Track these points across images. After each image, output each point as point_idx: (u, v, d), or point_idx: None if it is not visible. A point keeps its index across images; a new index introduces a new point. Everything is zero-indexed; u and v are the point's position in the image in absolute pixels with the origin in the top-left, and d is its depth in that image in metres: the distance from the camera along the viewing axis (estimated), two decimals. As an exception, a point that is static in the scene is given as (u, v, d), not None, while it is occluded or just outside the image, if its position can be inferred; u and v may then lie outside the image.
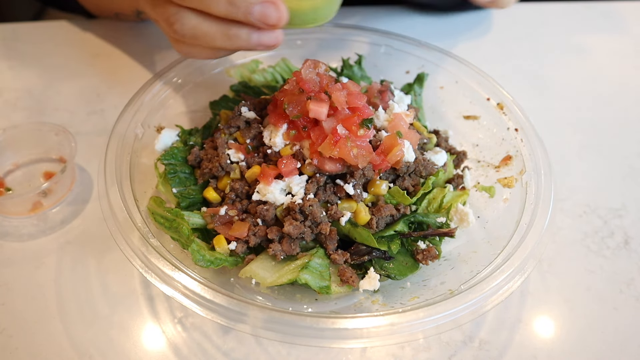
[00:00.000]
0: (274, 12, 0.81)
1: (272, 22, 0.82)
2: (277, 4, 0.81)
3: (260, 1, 0.80)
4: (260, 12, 0.81)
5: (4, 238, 1.05)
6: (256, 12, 0.81)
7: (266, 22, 0.81)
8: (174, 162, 1.03)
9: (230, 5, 0.81)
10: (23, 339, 0.90)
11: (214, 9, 0.82)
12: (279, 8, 0.81)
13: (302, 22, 0.89)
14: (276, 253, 0.91)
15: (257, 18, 0.81)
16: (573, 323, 0.97)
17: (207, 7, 0.83)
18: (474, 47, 1.60)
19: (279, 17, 0.82)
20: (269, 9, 0.81)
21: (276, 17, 0.81)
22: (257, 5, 0.80)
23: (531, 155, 1.03)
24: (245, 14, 0.81)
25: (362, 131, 0.93)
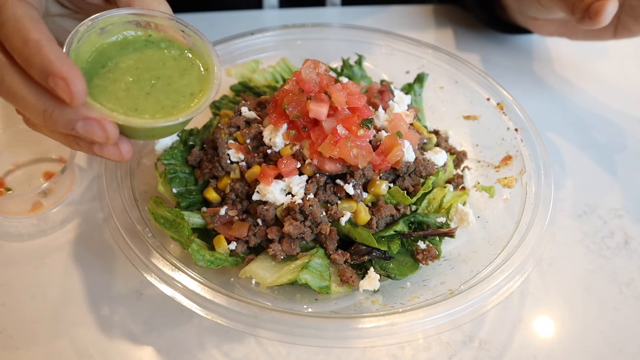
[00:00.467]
0: (99, 131, 0.70)
1: (99, 140, 0.71)
2: (102, 122, 0.70)
3: (82, 117, 0.69)
4: (83, 129, 0.69)
5: (4, 238, 1.05)
6: (79, 129, 0.69)
7: (93, 139, 0.71)
8: (174, 162, 1.03)
9: (48, 119, 0.69)
10: (23, 339, 0.90)
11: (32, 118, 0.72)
12: (103, 127, 0.70)
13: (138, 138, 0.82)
14: (276, 253, 0.91)
15: (83, 135, 0.70)
16: (573, 323, 0.97)
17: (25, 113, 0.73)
18: (474, 47, 1.60)
19: (105, 136, 0.71)
20: (93, 126, 0.69)
21: (102, 136, 0.71)
22: (80, 122, 0.69)
23: (531, 155, 1.03)
24: (66, 129, 0.70)
25: (362, 131, 0.93)
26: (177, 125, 0.78)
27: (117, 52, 0.80)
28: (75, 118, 0.69)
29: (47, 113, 0.69)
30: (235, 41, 1.21)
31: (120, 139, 0.75)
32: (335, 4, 1.76)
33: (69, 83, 0.64)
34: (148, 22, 0.82)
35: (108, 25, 0.79)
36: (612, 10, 1.04)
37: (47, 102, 0.68)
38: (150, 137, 0.86)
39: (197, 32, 0.82)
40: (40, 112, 0.69)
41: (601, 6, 1.04)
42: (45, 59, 0.64)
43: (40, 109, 0.69)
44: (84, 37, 0.76)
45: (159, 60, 0.81)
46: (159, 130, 0.80)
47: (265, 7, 1.71)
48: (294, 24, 1.27)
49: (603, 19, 1.05)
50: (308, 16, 1.67)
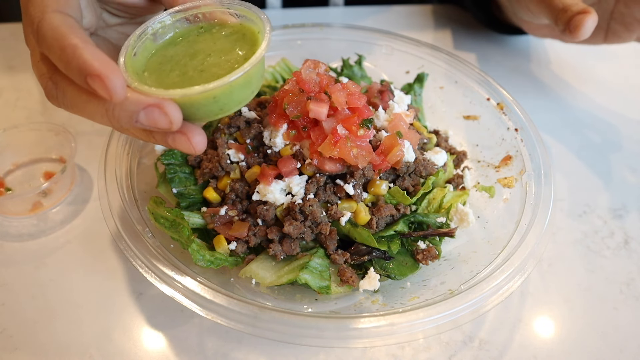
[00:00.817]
0: (160, 116, 0.69)
1: (164, 126, 0.69)
2: (162, 106, 0.68)
3: (142, 107, 0.68)
4: (145, 120, 0.69)
5: (4, 238, 1.05)
6: (142, 121, 0.69)
7: (157, 127, 0.70)
8: (174, 162, 1.03)
9: (112, 119, 0.69)
10: (23, 339, 0.90)
11: (100, 122, 0.72)
12: (164, 110, 0.68)
13: (207, 115, 0.77)
14: (276, 253, 0.91)
15: (146, 125, 0.69)
16: (573, 323, 0.97)
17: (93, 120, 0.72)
18: (474, 47, 1.60)
19: (168, 120, 0.69)
20: (153, 113, 0.68)
21: (165, 121, 0.69)
22: (141, 113, 0.68)
23: (531, 155, 1.03)
24: (130, 123, 0.69)
25: (362, 131, 0.93)
26: (235, 86, 0.74)
27: (171, 48, 0.81)
28: (135, 109, 0.68)
29: (109, 113, 0.69)
30: (235, 41, 1.21)
31: (188, 128, 0.73)
32: (338, 4, 1.76)
33: (104, 79, 0.64)
34: (195, 14, 0.83)
35: (158, 30, 0.81)
36: (591, 25, 1.08)
37: (106, 103, 0.69)
38: (217, 110, 0.77)
39: (243, 3, 0.82)
40: (103, 114, 0.69)
41: (580, 20, 1.08)
42: (80, 61, 0.65)
43: (102, 112, 0.69)
44: (138, 45, 0.78)
45: (211, 41, 0.81)
46: (220, 97, 0.74)
47: (268, 7, 1.71)
48: (294, 24, 1.27)
49: (582, 33, 1.08)
50: (311, 16, 1.67)
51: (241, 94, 0.77)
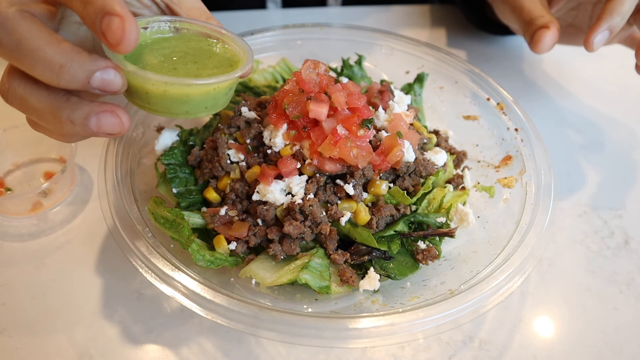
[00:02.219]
0: (116, 77, 0.71)
1: (114, 88, 0.71)
2: (118, 68, 0.71)
3: (102, 67, 0.69)
4: (100, 79, 0.69)
5: (4, 238, 1.05)
6: (95, 82, 0.69)
7: (107, 89, 0.70)
8: (174, 162, 1.03)
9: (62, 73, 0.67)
10: (23, 339, 0.90)
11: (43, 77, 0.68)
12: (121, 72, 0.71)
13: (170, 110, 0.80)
14: (276, 253, 0.91)
15: (97, 87, 0.69)
16: (573, 323, 0.97)
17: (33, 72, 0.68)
18: (474, 47, 1.60)
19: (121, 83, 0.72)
20: (110, 74, 0.70)
21: (119, 83, 0.71)
22: (97, 73, 0.68)
23: (531, 155, 1.03)
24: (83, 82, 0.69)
25: (362, 131, 0.93)
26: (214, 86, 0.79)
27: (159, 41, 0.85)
28: (94, 68, 0.68)
29: (64, 68, 0.67)
30: (235, 41, 1.21)
31: (115, 107, 0.74)
32: (336, 4, 1.76)
33: (124, 22, 0.64)
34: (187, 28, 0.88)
35: (183, 29, 0.87)
36: (549, 41, 1.11)
37: (64, 55, 0.67)
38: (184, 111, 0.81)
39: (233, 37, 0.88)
40: (56, 66, 0.67)
41: (539, 36, 1.11)
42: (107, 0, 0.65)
43: (56, 62, 0.66)
44: (152, 24, 0.83)
45: (203, 49, 0.86)
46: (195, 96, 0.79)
47: (268, 7, 1.71)
48: (294, 24, 1.27)
49: (540, 49, 1.12)
50: (310, 16, 1.67)
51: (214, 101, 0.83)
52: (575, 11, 1.30)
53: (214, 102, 0.83)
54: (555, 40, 1.12)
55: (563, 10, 1.30)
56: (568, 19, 1.31)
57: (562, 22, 1.30)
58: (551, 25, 1.11)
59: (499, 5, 1.34)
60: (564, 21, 1.31)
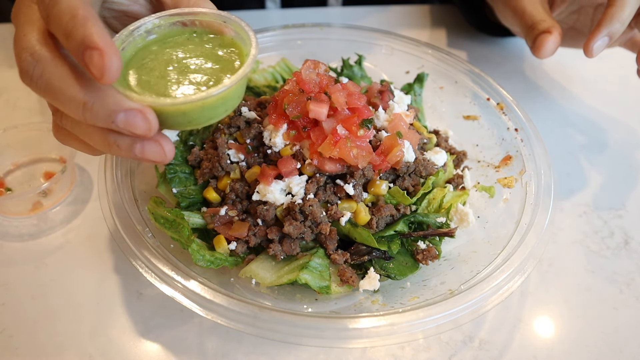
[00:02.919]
0: (141, 121, 0.69)
1: (141, 132, 0.69)
2: (145, 112, 0.69)
3: (125, 109, 0.68)
4: (124, 121, 0.68)
5: (4, 238, 1.05)
6: (120, 122, 0.68)
7: (133, 131, 0.69)
8: (174, 162, 1.03)
9: (88, 112, 0.68)
10: (23, 339, 0.90)
11: (71, 113, 0.70)
12: (146, 117, 0.69)
13: (174, 126, 0.77)
14: (276, 253, 0.91)
15: (122, 127, 0.69)
16: (573, 323, 0.97)
17: (63, 109, 0.70)
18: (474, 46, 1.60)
19: (147, 127, 0.69)
20: (135, 117, 0.68)
21: (144, 127, 0.69)
22: (121, 114, 0.68)
23: (531, 155, 1.03)
24: (106, 122, 0.68)
25: (362, 131, 0.93)
26: (207, 104, 0.74)
27: (159, 47, 0.80)
28: (116, 109, 0.67)
29: (87, 105, 0.67)
30: (235, 41, 1.21)
31: (160, 136, 0.73)
32: (336, 4, 1.76)
33: (103, 55, 0.63)
34: (193, 20, 0.82)
35: (154, 29, 0.80)
36: (551, 46, 1.11)
37: (88, 94, 0.67)
38: (186, 123, 0.78)
39: (239, 20, 0.81)
40: (80, 104, 0.67)
41: (541, 41, 1.11)
42: (87, 32, 0.64)
43: (80, 101, 0.67)
44: (129, 40, 0.77)
45: (200, 47, 0.81)
46: (189, 112, 0.75)
47: (267, 7, 1.71)
48: (294, 24, 1.27)
49: (543, 54, 1.12)
50: (309, 16, 1.67)
51: (214, 112, 0.77)
52: (576, 14, 1.30)
53: (232, 101, 0.80)
54: (558, 45, 1.12)
55: (564, 13, 1.30)
56: (569, 22, 1.32)
57: (563, 25, 1.30)
58: (553, 30, 1.12)
59: (499, 8, 1.34)
60: (565, 24, 1.31)
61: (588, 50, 1.08)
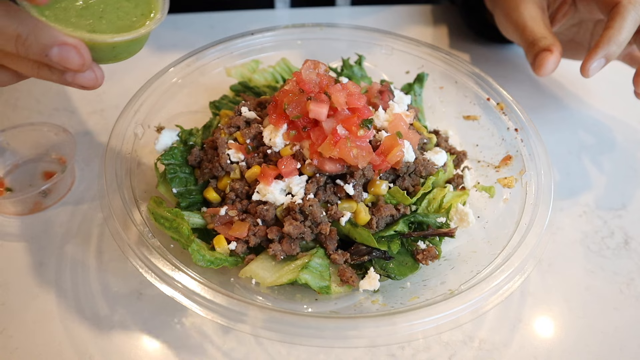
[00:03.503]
0: (76, 56, 0.69)
1: (74, 66, 0.70)
2: (79, 47, 0.69)
3: (59, 43, 0.68)
4: (58, 55, 0.68)
5: (4, 238, 1.05)
6: (54, 56, 0.68)
7: (67, 66, 0.69)
8: (174, 162, 1.03)
9: (20, 45, 0.68)
10: (23, 339, 0.90)
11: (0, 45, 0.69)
12: (80, 52, 0.69)
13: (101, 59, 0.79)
14: (276, 253, 0.91)
15: (56, 62, 0.69)
16: (573, 323, 0.97)
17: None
18: (474, 46, 1.60)
19: (81, 62, 0.70)
20: (69, 52, 0.68)
21: (78, 62, 0.70)
22: (55, 48, 0.68)
23: (531, 155, 1.03)
24: (39, 56, 0.68)
25: (362, 131, 0.93)
26: (137, 40, 0.79)
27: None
28: (50, 43, 0.68)
29: (20, 38, 0.68)
30: (235, 41, 1.21)
31: (83, 47, 0.73)
32: (345, 4, 1.76)
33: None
34: None
35: None
36: (552, 65, 1.12)
37: (20, 26, 0.67)
38: (112, 57, 0.81)
39: None
40: (13, 37, 0.68)
41: (542, 60, 1.12)
42: None
43: (13, 33, 0.67)
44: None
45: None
46: (121, 47, 0.79)
47: (277, 7, 1.72)
48: (294, 24, 1.27)
49: (543, 72, 1.13)
50: (318, 16, 1.68)
51: (135, 47, 0.83)
52: (576, 27, 1.30)
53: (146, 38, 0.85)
54: (558, 64, 1.13)
55: (564, 26, 1.30)
56: (569, 34, 1.32)
57: (563, 37, 1.30)
58: (554, 49, 1.12)
59: (500, 20, 1.33)
60: (565, 37, 1.31)
61: (585, 71, 1.09)
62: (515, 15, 1.22)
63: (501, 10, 1.29)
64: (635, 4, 1.06)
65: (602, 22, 1.22)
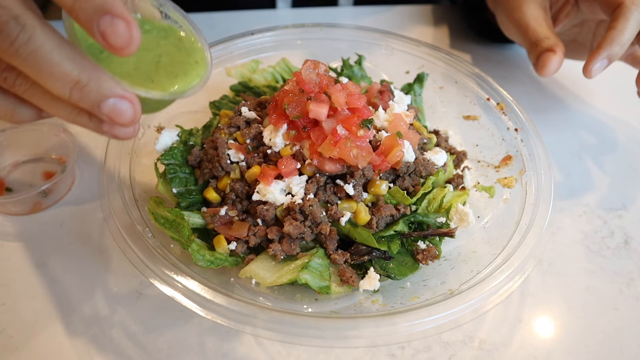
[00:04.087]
0: (129, 110, 0.65)
1: (124, 122, 0.65)
2: (134, 102, 0.65)
3: (116, 95, 0.63)
4: (112, 108, 0.64)
5: (4, 238, 1.05)
6: (107, 107, 0.63)
7: (116, 120, 0.65)
8: (174, 162, 1.03)
9: (77, 91, 0.62)
10: (23, 339, 0.90)
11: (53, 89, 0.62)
12: (135, 107, 0.65)
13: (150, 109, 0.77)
14: (276, 253, 0.91)
15: (105, 113, 0.64)
16: (573, 323, 0.97)
17: (44, 83, 0.62)
18: (474, 46, 1.60)
19: (133, 118, 0.65)
20: (123, 106, 0.64)
21: (130, 117, 0.65)
22: (110, 100, 0.63)
23: (531, 155, 1.03)
24: (91, 107, 0.64)
25: (362, 131, 0.93)
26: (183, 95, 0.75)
27: None
28: (109, 95, 0.63)
29: (80, 84, 0.62)
30: (235, 41, 1.21)
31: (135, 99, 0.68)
32: (347, 4, 1.76)
33: (131, 25, 0.58)
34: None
35: None
36: (555, 65, 1.12)
37: (83, 72, 0.61)
38: (152, 109, 0.79)
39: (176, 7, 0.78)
40: (71, 82, 0.61)
41: (545, 60, 1.12)
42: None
43: (73, 78, 0.61)
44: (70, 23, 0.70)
45: (152, 41, 0.77)
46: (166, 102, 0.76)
47: (278, 7, 1.72)
48: (294, 24, 1.27)
49: (546, 72, 1.12)
50: (320, 16, 1.68)
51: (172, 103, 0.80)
52: (578, 28, 1.30)
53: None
54: (561, 64, 1.13)
55: (567, 26, 1.30)
56: (571, 34, 1.32)
57: (564, 37, 1.30)
58: (557, 49, 1.12)
59: (502, 20, 1.33)
60: (566, 37, 1.31)
61: (587, 71, 1.09)
62: (518, 15, 1.22)
63: (503, 10, 1.29)
64: (638, 4, 1.06)
65: (604, 22, 1.22)
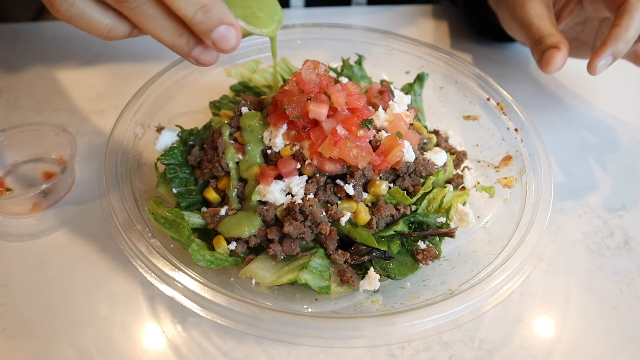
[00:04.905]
0: (234, 38, 0.73)
1: (227, 48, 0.73)
2: (239, 31, 0.73)
3: (227, 23, 0.71)
4: (221, 34, 0.72)
5: (4, 238, 1.05)
6: (217, 33, 0.71)
7: (220, 46, 0.73)
8: (174, 162, 1.03)
9: (201, 13, 0.70)
10: (23, 339, 0.90)
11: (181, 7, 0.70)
12: (238, 36, 0.73)
13: None
14: (276, 253, 0.91)
15: (213, 38, 0.72)
16: (573, 323, 0.97)
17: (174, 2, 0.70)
18: (474, 46, 1.60)
19: (235, 45, 0.74)
20: (231, 33, 0.72)
21: (233, 45, 0.73)
22: (222, 27, 0.71)
23: (531, 155, 1.03)
24: (207, 30, 0.71)
25: (362, 132, 0.93)
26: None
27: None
28: (225, 21, 0.71)
29: (205, 7, 0.70)
30: (235, 41, 1.21)
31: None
32: (361, 3, 1.76)
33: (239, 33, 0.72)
34: None
35: None
36: (560, 62, 1.11)
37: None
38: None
39: None
40: (199, 3, 0.69)
41: (550, 57, 1.11)
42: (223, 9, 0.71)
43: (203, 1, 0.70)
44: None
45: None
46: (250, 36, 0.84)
47: (292, 7, 1.71)
48: (294, 24, 1.27)
49: (551, 69, 1.12)
50: (333, 15, 1.68)
51: None
52: (581, 26, 1.30)
53: None
54: (565, 61, 1.12)
55: (569, 24, 1.29)
56: (574, 32, 1.31)
57: (567, 35, 1.30)
58: (561, 46, 1.11)
59: (505, 18, 1.33)
60: (569, 35, 1.31)
61: (592, 68, 1.09)
62: (521, 13, 1.21)
63: (506, 8, 1.29)
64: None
65: (607, 20, 1.22)
